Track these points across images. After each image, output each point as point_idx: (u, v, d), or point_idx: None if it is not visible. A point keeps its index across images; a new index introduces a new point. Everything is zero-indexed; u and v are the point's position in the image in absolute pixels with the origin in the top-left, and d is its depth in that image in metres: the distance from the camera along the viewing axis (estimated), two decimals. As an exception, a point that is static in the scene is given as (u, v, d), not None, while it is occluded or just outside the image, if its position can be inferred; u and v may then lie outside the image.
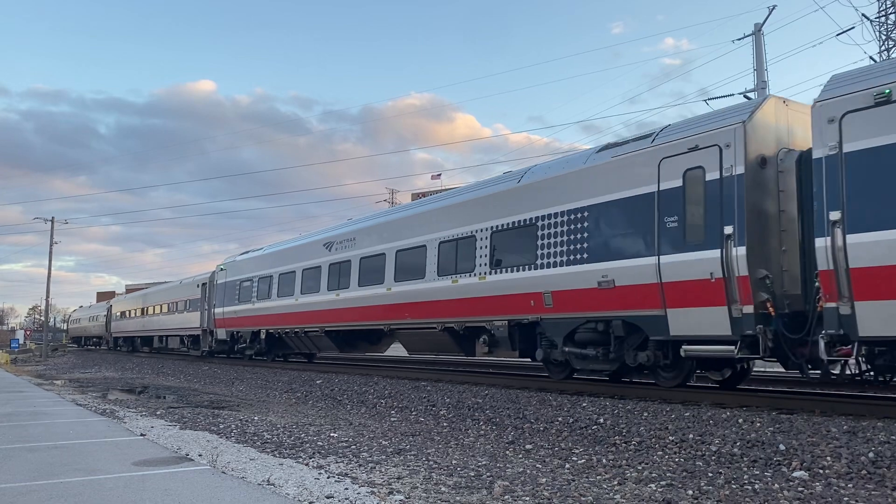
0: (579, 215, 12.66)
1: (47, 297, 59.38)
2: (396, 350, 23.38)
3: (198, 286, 33.32)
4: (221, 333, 29.24)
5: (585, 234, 12.46)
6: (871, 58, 35.17)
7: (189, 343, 35.43)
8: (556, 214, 13.18)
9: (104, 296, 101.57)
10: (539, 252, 13.38)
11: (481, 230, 15.11)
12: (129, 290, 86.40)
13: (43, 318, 74.96)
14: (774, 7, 28.65)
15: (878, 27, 37.33)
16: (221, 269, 29.82)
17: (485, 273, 14.62)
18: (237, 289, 27.64)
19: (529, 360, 14.81)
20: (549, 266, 13.09)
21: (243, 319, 27.00)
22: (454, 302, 15.50)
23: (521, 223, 14.03)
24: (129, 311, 48.17)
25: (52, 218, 55.87)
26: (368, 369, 21.12)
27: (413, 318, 17.03)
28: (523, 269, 13.70)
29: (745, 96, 28.02)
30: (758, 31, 29.05)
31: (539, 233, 13.48)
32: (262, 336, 25.61)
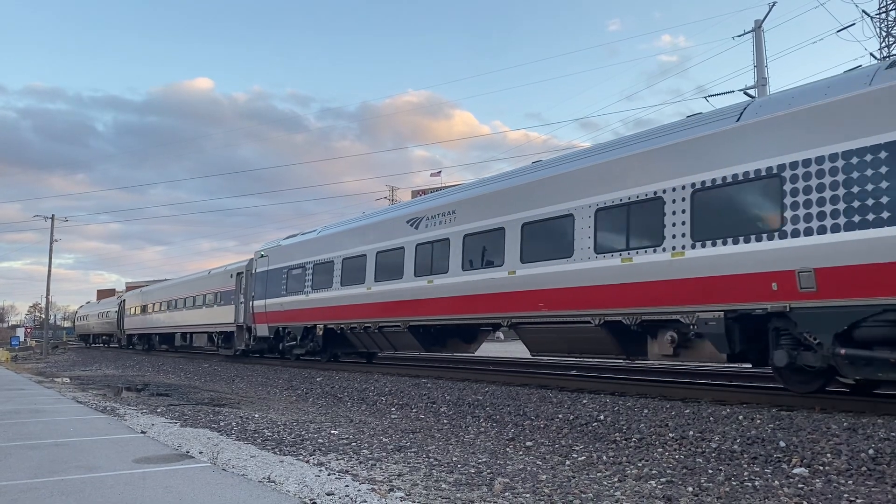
0: (876, 157, 8.86)
1: (47, 294, 59.39)
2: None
3: (231, 276, 29.16)
4: (262, 329, 25.11)
5: (887, 185, 8.71)
6: (871, 55, 35.11)
7: (220, 341, 30.91)
8: (825, 159, 9.36)
9: (104, 293, 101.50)
10: (789, 213, 9.65)
11: (674, 190, 11.23)
12: (129, 287, 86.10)
13: (43, 316, 74.87)
14: (775, 3, 28.62)
15: (878, 23, 37.29)
16: (262, 257, 25.75)
17: (683, 248, 10.91)
18: (284, 278, 23.56)
19: (747, 365, 12.22)
20: (811, 233, 9.40)
21: (293, 313, 22.86)
22: (625, 287, 11.84)
23: (751, 176, 10.20)
24: (147, 307, 43.39)
25: (53, 215, 55.90)
26: (369, 367, 21.11)
27: (551, 310, 13.32)
28: (758, 239, 9.96)
29: (746, 93, 28.00)
30: (758, 27, 29.02)
31: (788, 187, 9.70)
32: (319, 332, 21.56)
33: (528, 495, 5.95)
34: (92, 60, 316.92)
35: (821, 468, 6.87)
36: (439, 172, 79.09)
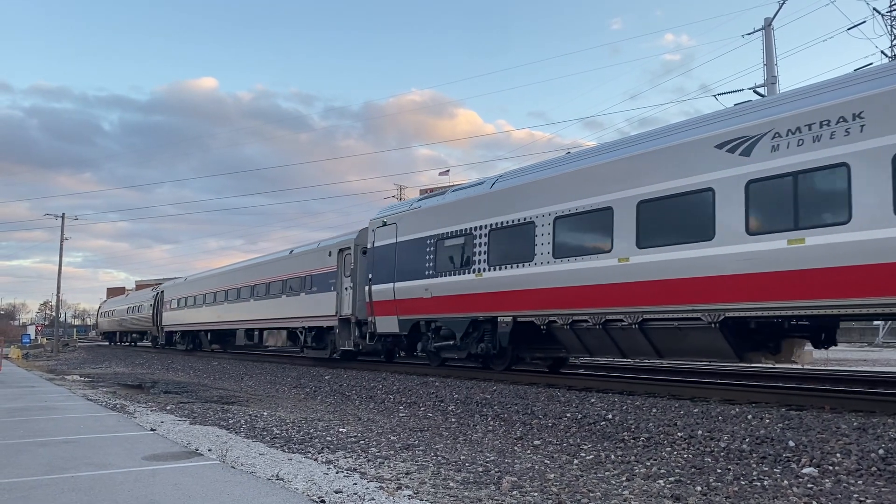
0: None
1: (58, 292, 59.74)
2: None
3: (329, 254, 22.50)
4: (386, 324, 18.55)
5: None
6: (882, 52, 34.87)
7: (309, 339, 23.92)
8: None
9: (114, 291, 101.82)
10: None
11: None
12: (139, 286, 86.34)
13: (54, 314, 75.04)
14: (785, 1, 28.47)
15: (889, 21, 37.02)
16: (384, 225, 19.01)
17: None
18: (429, 251, 16.96)
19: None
20: None
21: (447, 301, 16.30)
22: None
23: None
24: (194, 298, 36.08)
25: (63, 214, 56.26)
26: (377, 365, 21.12)
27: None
28: None
29: (756, 92, 27.86)
30: (768, 25, 28.88)
31: None
32: (504, 326, 14.69)
33: (536, 494, 5.95)
34: (97, 60, 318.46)
35: (830, 468, 6.84)
36: (447, 171, 79.09)
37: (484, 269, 15.21)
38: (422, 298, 17.10)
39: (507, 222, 14.74)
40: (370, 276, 19.11)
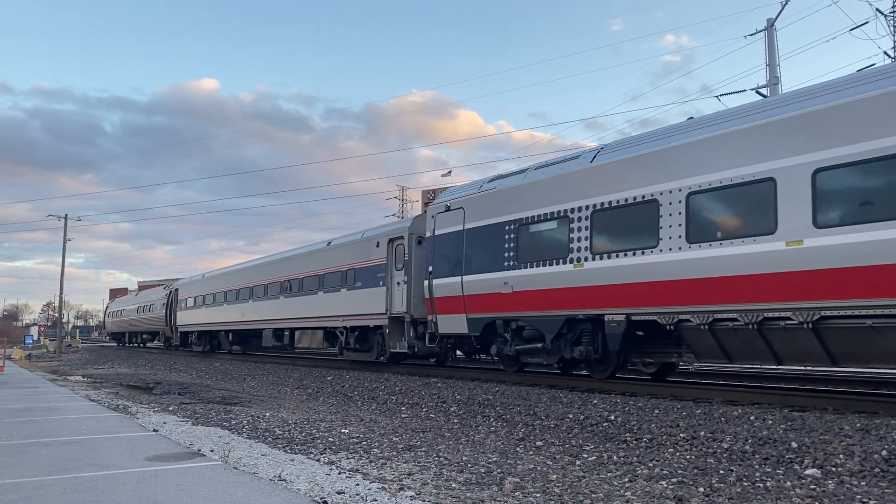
0: None
1: (61, 293, 59.75)
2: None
3: (377, 245, 19.80)
4: (451, 323, 16.08)
5: None
6: (885, 53, 34.84)
7: (351, 341, 21.07)
8: None
9: (116, 292, 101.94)
10: None
11: None
12: (141, 286, 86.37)
13: (57, 315, 75.11)
14: (787, 1, 28.44)
15: (892, 22, 36.98)
16: (447, 210, 16.45)
17: None
18: (508, 239, 14.48)
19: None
20: None
21: (532, 296, 13.80)
22: None
23: None
24: (213, 296, 33.21)
25: (66, 215, 56.30)
26: (379, 366, 21.12)
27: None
28: None
29: (758, 93, 27.85)
30: (770, 26, 28.86)
31: None
32: (614, 325, 12.22)
33: (538, 495, 5.94)
34: (98, 61, 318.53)
35: (833, 469, 6.83)
36: (450, 172, 79.03)
37: (585, 259, 12.70)
38: (499, 294, 14.52)
39: (618, 202, 12.18)
40: (430, 268, 16.64)
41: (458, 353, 17.89)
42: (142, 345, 50.83)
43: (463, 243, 15.77)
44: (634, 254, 11.82)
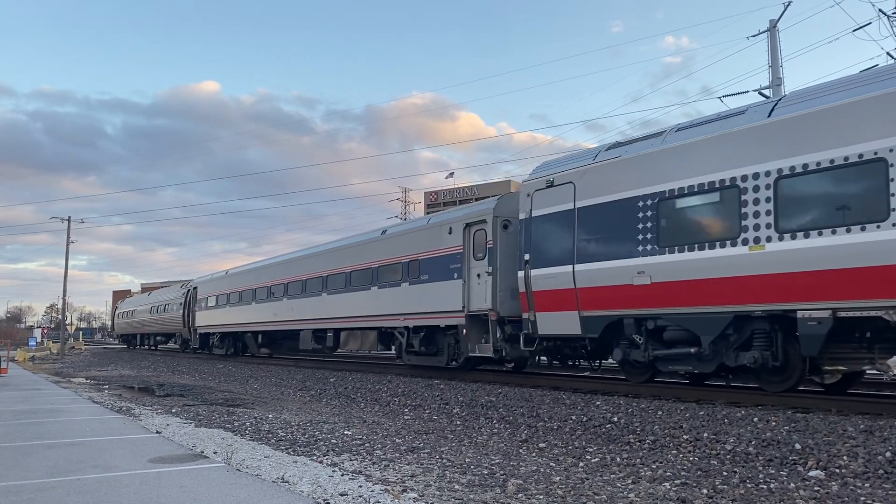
0: None
1: (64, 295, 59.84)
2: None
3: (450, 231, 16.78)
4: (557, 322, 13.25)
5: None
6: (888, 54, 34.79)
7: (417, 343, 17.89)
8: None
9: (120, 294, 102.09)
10: None
11: None
12: (144, 289, 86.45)
13: (60, 317, 75.12)
14: (790, 3, 28.40)
15: (895, 23, 36.91)
16: (549, 187, 13.68)
17: None
18: (645, 218, 11.79)
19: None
20: None
21: (683, 289, 11.17)
22: None
23: None
24: (239, 294, 30.27)
25: (69, 217, 56.40)
26: (382, 367, 21.11)
27: None
28: None
29: (761, 94, 27.80)
30: (773, 27, 28.82)
31: None
32: (815, 324, 9.57)
33: (541, 497, 5.94)
34: (99, 64, 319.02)
35: (837, 471, 6.81)
36: (452, 174, 79.09)
37: (766, 239, 10.07)
38: (630, 286, 11.82)
39: (816, 165, 9.58)
40: (526, 257, 13.90)
41: (542, 358, 15.16)
42: (154, 347, 48.42)
43: (574, 225, 12.96)
44: (849, 230, 9.08)
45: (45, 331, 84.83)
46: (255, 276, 29.14)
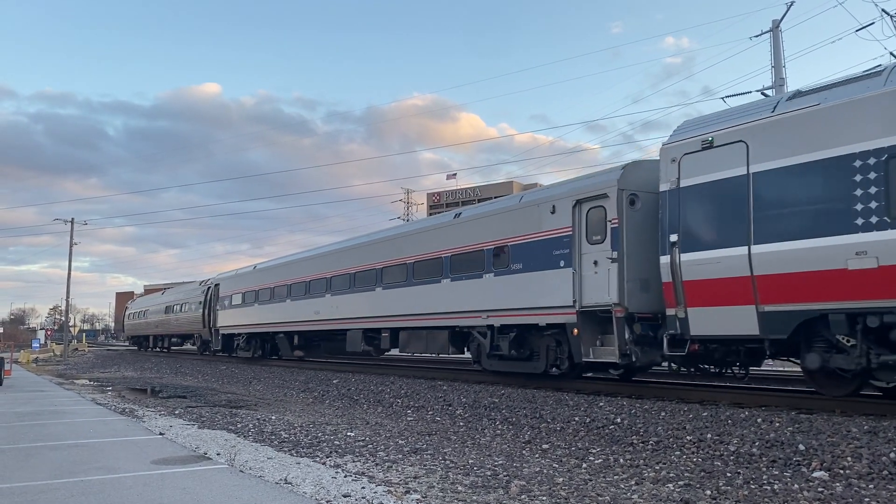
0: None
1: (67, 297, 59.93)
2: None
3: (553, 211, 13.87)
4: (721, 320, 10.64)
5: None
6: (891, 53, 34.74)
7: (506, 344, 14.80)
8: None
9: (123, 296, 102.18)
10: None
11: None
12: (147, 290, 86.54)
13: (63, 318, 75.20)
14: (793, 3, 28.38)
15: (898, 22, 36.83)
16: (706, 149, 11.14)
17: None
18: (870, 183, 9.02)
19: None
20: None
21: None
22: None
23: None
24: (272, 291, 27.25)
25: (72, 219, 56.53)
26: (385, 368, 21.11)
27: None
28: None
29: (763, 94, 27.78)
30: (776, 27, 28.81)
31: None
32: None
33: (544, 498, 5.93)
34: (100, 66, 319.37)
35: (841, 472, 6.79)
36: (455, 175, 79.22)
37: None
38: (842, 272, 9.11)
39: None
40: (673, 238, 11.25)
41: (672, 364, 12.37)
42: (166, 350, 45.72)
43: (748, 195, 10.35)
44: None
45: (49, 333, 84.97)
46: (289, 271, 26.20)
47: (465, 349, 16.84)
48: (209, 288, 34.99)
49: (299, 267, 25.48)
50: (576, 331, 12.88)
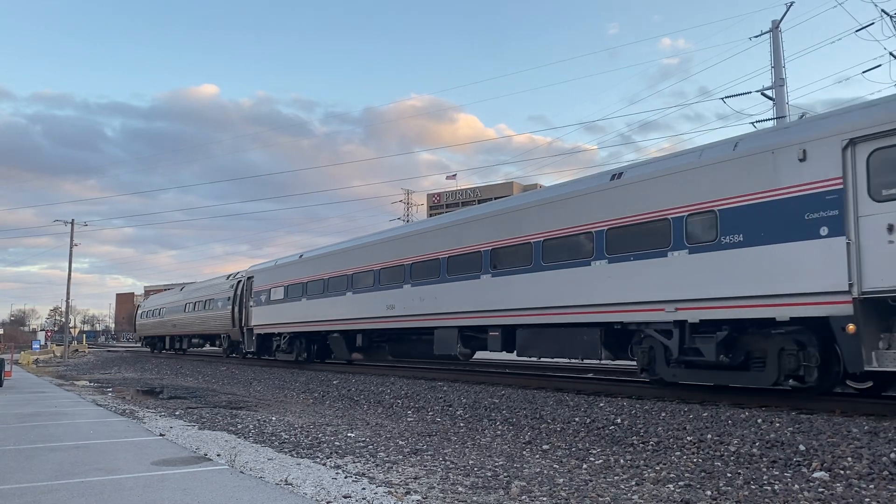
0: None
1: (67, 298, 59.85)
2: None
3: (801, 156, 9.70)
4: None
5: None
6: (891, 54, 34.74)
7: (712, 349, 10.67)
8: None
9: (124, 297, 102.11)
10: None
11: None
12: (147, 291, 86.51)
13: (63, 319, 75.16)
14: (792, 3, 28.38)
15: (898, 23, 36.83)
16: None
17: None
18: None
19: None
20: None
21: None
22: None
23: None
24: (324, 283, 22.98)
25: (73, 220, 56.52)
26: (385, 369, 21.09)
27: None
28: None
29: (764, 94, 27.77)
30: (775, 28, 28.80)
31: None
32: None
33: (545, 499, 5.93)
34: (97, 67, 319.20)
35: (841, 472, 6.80)
36: (455, 175, 79.24)
37: None
38: None
39: None
40: None
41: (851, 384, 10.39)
42: (183, 351, 41.83)
43: None
44: None
45: (49, 334, 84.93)
46: (349, 259, 21.84)
47: (629, 352, 12.70)
48: (240, 282, 30.38)
49: (364, 253, 21.05)
50: (852, 326, 9.09)
